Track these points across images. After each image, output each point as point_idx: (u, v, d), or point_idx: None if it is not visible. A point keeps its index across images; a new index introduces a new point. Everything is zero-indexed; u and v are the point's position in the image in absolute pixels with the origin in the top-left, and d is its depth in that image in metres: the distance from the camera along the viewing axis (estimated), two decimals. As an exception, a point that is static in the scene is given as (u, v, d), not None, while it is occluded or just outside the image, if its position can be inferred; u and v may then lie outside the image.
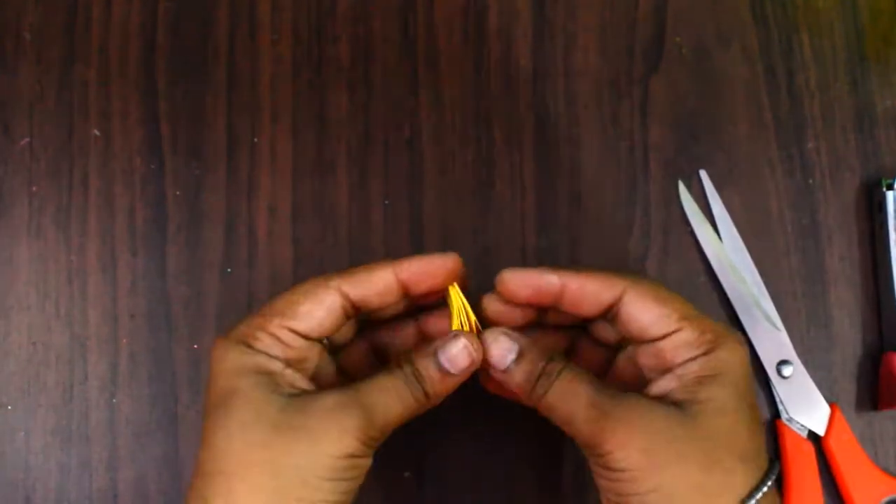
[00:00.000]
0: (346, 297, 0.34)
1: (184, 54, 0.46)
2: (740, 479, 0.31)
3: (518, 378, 0.34)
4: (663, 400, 0.33)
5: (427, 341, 0.35)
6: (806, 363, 0.44)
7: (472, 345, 0.34)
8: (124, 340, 0.44)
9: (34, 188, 0.45)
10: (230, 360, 0.33)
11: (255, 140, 0.46)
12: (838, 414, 0.43)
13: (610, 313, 0.35)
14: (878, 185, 0.45)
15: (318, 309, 0.34)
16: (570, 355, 0.39)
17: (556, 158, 0.46)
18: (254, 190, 0.45)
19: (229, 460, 0.31)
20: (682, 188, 0.46)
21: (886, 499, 0.42)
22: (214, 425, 0.31)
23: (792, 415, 0.43)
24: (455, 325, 0.35)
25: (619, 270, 0.35)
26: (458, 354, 0.34)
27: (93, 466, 0.43)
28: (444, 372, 0.33)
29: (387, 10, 0.47)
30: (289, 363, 0.33)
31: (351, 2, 0.47)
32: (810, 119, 0.47)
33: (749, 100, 0.47)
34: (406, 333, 0.38)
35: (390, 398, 0.32)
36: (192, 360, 0.44)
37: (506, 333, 0.35)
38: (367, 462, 0.33)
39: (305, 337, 0.34)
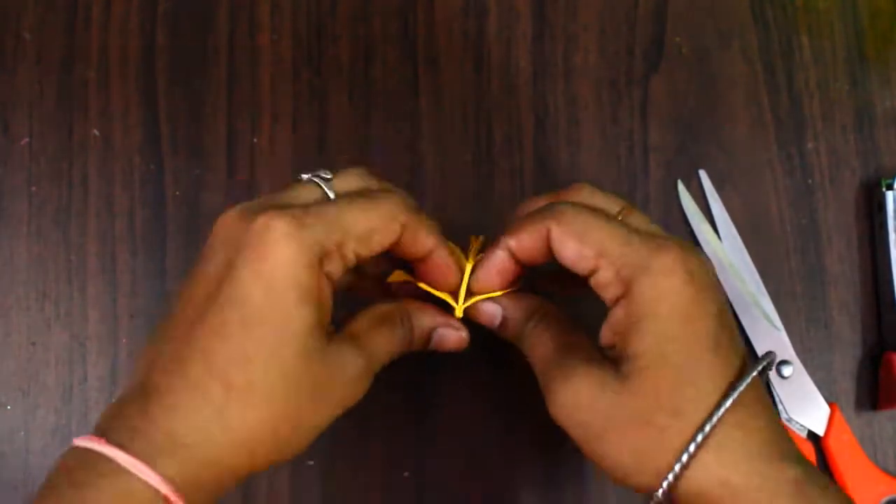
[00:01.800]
0: (400, 237, 0.32)
1: (184, 54, 0.46)
2: (675, 435, 0.29)
3: (507, 335, 0.37)
4: (607, 354, 0.32)
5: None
6: (805, 363, 0.44)
7: (462, 333, 0.36)
8: (124, 340, 0.44)
9: (34, 188, 0.45)
10: (303, 276, 0.29)
11: (255, 140, 0.46)
12: (838, 414, 0.43)
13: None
14: (878, 185, 0.45)
15: (386, 241, 0.32)
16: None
17: (556, 158, 0.46)
18: (254, 190, 0.45)
19: (259, 394, 0.28)
20: (681, 188, 0.46)
21: (886, 499, 0.42)
22: (257, 340, 0.28)
23: (791, 415, 0.43)
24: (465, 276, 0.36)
25: (549, 204, 0.33)
26: (449, 340, 0.36)
27: (93, 466, 0.43)
28: (428, 341, 0.36)
29: (387, 10, 0.47)
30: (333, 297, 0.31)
31: (351, 2, 0.47)
32: (810, 119, 0.47)
33: (749, 100, 0.47)
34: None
35: (390, 348, 0.34)
36: (192, 360, 0.44)
37: (493, 301, 0.36)
38: None
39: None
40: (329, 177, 0.33)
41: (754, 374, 0.30)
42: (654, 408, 0.30)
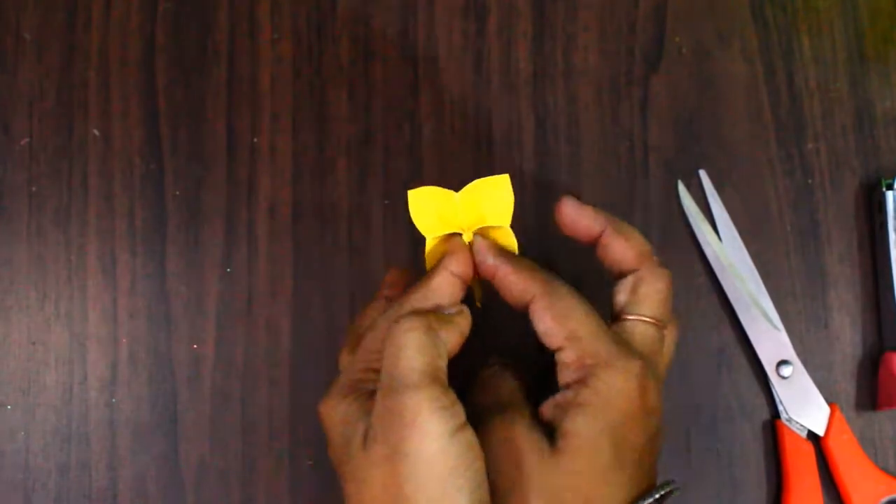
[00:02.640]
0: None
1: (184, 54, 0.46)
2: None
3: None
4: (547, 417, 0.33)
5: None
6: (805, 363, 0.44)
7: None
8: (124, 340, 0.44)
9: (34, 188, 0.45)
10: (439, 424, 0.30)
11: (255, 140, 0.46)
12: (838, 414, 0.43)
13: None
14: (878, 185, 0.45)
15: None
16: None
17: (556, 158, 0.46)
18: (254, 190, 0.45)
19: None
20: (681, 188, 0.46)
21: (886, 499, 0.42)
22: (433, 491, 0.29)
23: (791, 415, 0.43)
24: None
25: (543, 271, 0.34)
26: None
27: (93, 466, 0.43)
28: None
29: (387, 10, 0.47)
30: None
31: (351, 2, 0.47)
32: (810, 119, 0.47)
33: (749, 100, 0.47)
34: None
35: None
36: (192, 360, 0.44)
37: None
38: None
39: None
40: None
41: (650, 500, 0.31)
42: (571, 488, 0.31)
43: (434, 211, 0.35)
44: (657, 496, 0.32)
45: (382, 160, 0.46)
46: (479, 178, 0.46)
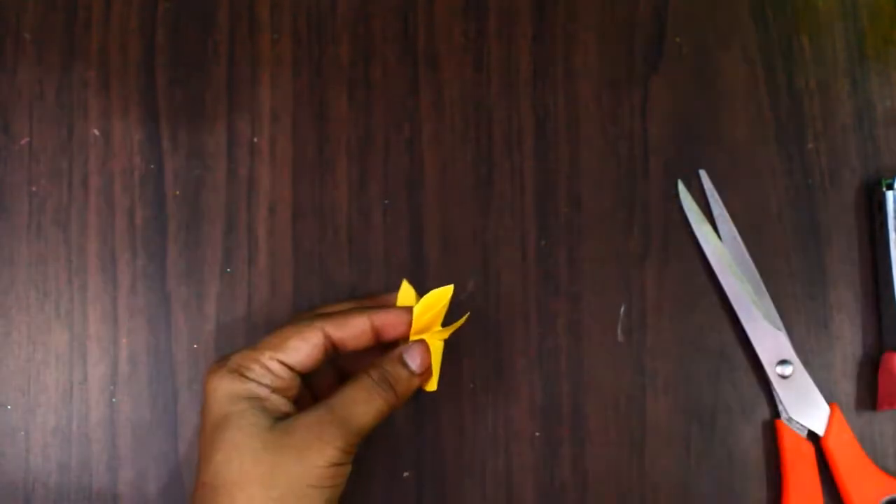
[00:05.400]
0: (328, 337, 0.38)
1: (184, 54, 0.46)
2: None
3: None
4: None
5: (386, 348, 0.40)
6: (806, 363, 0.44)
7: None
8: (124, 340, 0.44)
9: (34, 188, 0.45)
10: (223, 389, 0.37)
11: (255, 140, 0.46)
12: (838, 414, 0.43)
13: None
14: (878, 185, 0.45)
15: (304, 345, 0.38)
16: None
17: (556, 158, 0.46)
18: (254, 190, 0.45)
19: (229, 474, 0.35)
20: (681, 188, 0.46)
21: (886, 499, 0.42)
22: (212, 445, 0.36)
23: (791, 415, 0.43)
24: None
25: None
26: (421, 354, 0.39)
27: (93, 466, 0.43)
28: (410, 371, 0.39)
29: (387, 10, 0.47)
30: (275, 390, 0.37)
31: (351, 2, 0.47)
32: (810, 119, 0.47)
33: (749, 100, 0.47)
34: (369, 357, 0.41)
35: (362, 406, 0.37)
36: (192, 360, 0.44)
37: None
38: (348, 468, 0.37)
39: (291, 369, 0.38)
40: None
41: None
42: None
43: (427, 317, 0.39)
44: None
45: (382, 160, 0.46)
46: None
